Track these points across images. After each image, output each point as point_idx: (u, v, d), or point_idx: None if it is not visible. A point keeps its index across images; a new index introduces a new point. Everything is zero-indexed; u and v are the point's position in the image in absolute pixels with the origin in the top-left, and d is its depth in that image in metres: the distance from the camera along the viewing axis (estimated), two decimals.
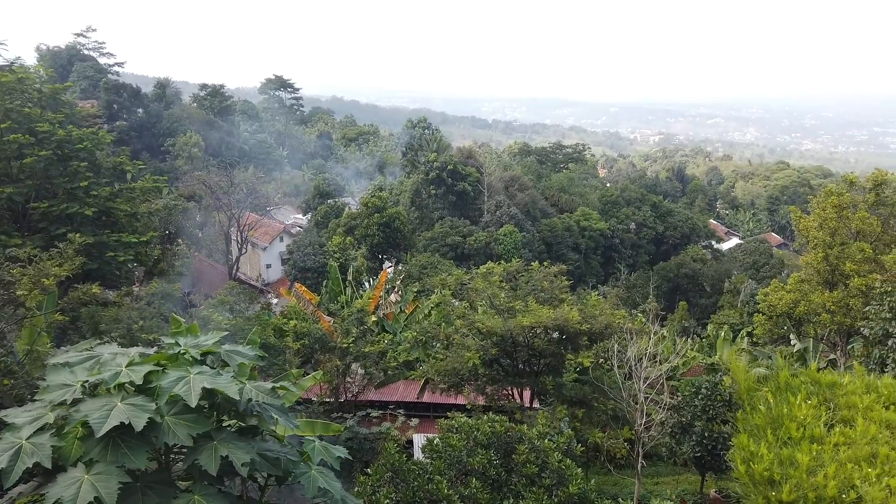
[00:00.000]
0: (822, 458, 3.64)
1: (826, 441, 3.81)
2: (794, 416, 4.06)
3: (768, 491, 3.53)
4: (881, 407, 4.16)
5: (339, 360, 21.93)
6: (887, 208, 24.96)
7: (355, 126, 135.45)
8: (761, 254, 71.04)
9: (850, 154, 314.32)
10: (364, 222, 53.51)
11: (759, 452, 3.73)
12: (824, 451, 3.69)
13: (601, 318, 19.43)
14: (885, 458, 3.59)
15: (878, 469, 3.49)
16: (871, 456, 3.61)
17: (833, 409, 4.28)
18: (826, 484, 3.37)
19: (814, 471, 3.53)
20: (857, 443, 3.75)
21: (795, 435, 3.89)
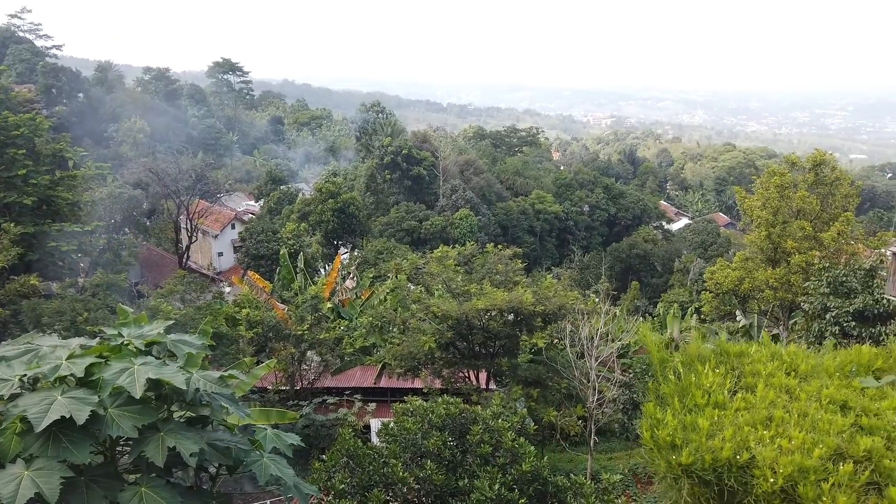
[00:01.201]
0: (722, 423, 3.83)
1: (729, 407, 4.01)
2: (701, 384, 4.24)
3: (670, 455, 3.70)
4: (783, 373, 4.37)
5: (294, 348, 21.74)
6: (825, 187, 25.92)
7: (308, 110, 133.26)
8: (709, 233, 73.10)
9: (793, 135, 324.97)
10: (318, 208, 52.88)
11: (664, 419, 3.90)
12: (725, 417, 3.86)
13: (554, 299, 19.71)
14: (780, 420, 3.78)
15: (772, 431, 3.68)
16: (768, 419, 3.81)
17: (738, 376, 4.48)
18: (722, 446, 3.55)
19: (713, 435, 3.71)
20: (756, 407, 3.95)
21: (701, 402, 4.07)
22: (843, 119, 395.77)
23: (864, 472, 3.33)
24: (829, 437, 3.52)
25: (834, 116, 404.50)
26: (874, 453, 3.42)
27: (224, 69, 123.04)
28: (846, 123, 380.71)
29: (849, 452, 3.45)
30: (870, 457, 3.42)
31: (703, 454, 3.54)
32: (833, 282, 20.09)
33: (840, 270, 20.29)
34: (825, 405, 3.88)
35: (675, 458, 3.60)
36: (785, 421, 3.73)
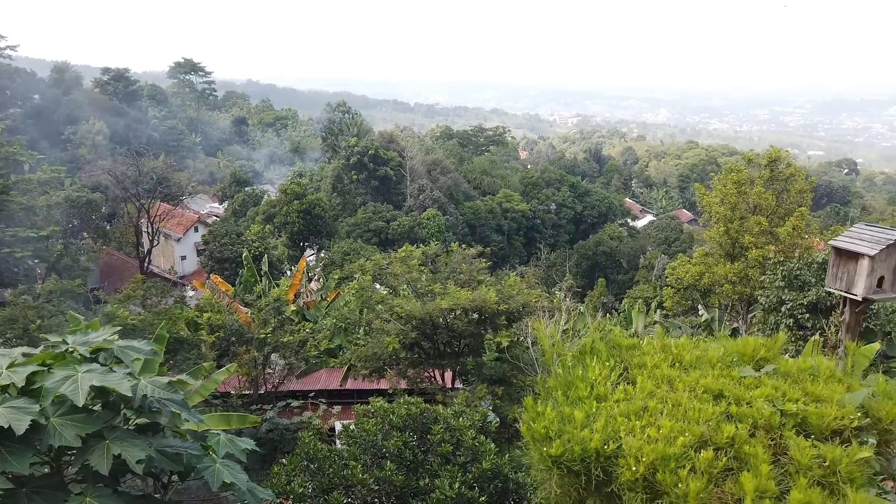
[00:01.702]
0: (599, 414, 3.91)
1: (609, 398, 4.08)
2: (587, 377, 4.32)
3: (542, 447, 3.77)
4: (667, 365, 4.47)
5: (257, 352, 21.46)
6: (780, 183, 26.57)
7: (272, 111, 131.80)
8: (672, 230, 74.35)
9: (754, 132, 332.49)
10: (283, 210, 52.34)
11: (543, 412, 3.97)
12: (603, 408, 3.94)
13: (518, 297, 19.82)
14: (653, 410, 3.88)
15: (643, 421, 3.77)
16: (643, 410, 3.89)
17: (625, 369, 4.58)
18: (592, 437, 3.63)
19: (588, 426, 3.79)
20: (635, 398, 4.03)
21: (583, 395, 4.14)
22: (801, 116, 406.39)
23: (722, 459, 3.42)
24: (696, 426, 3.61)
25: (792, 114, 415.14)
26: (737, 440, 3.53)
27: (186, 69, 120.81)
28: (804, 121, 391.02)
29: (713, 440, 3.56)
30: (732, 443, 3.53)
31: (574, 445, 3.59)
32: (788, 275, 20.59)
33: (794, 264, 20.81)
34: (700, 395, 3.97)
35: (546, 450, 3.65)
36: (658, 411, 3.81)
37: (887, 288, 7.68)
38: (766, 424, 3.71)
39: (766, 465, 3.33)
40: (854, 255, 7.59)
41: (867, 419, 4.00)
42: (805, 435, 3.70)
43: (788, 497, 3.26)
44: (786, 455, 3.59)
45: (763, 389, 4.01)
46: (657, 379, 4.25)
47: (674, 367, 4.41)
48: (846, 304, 8.40)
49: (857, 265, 7.55)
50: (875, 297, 7.77)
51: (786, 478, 3.47)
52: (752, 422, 3.73)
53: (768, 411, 3.77)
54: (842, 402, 3.99)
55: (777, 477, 3.46)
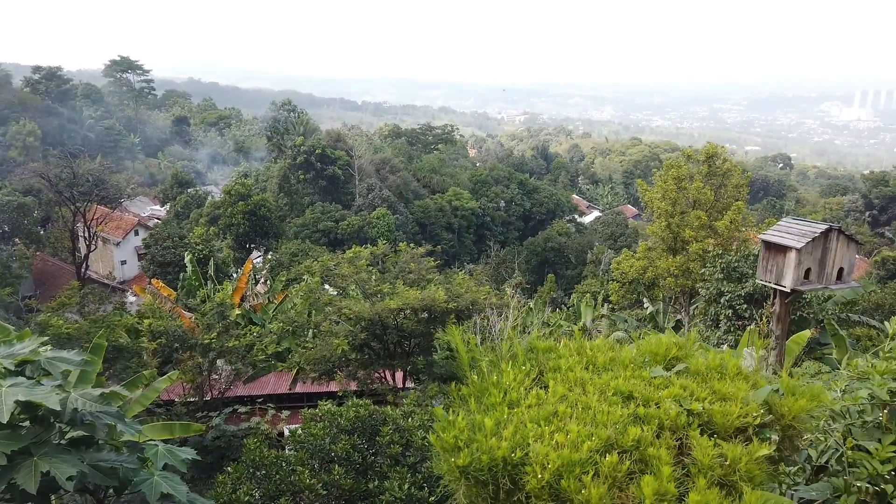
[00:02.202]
0: (510, 421, 3.90)
1: (522, 404, 4.09)
2: (501, 383, 4.32)
3: (450, 457, 3.75)
4: (581, 367, 4.52)
5: (201, 358, 20.89)
6: (718, 178, 27.46)
7: (215, 110, 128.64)
8: (618, 225, 75.93)
9: (694, 129, 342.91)
10: (228, 211, 51.14)
11: (454, 421, 3.95)
12: (515, 415, 3.95)
13: (467, 295, 19.85)
14: (563, 414, 3.91)
15: (553, 426, 3.79)
16: (553, 415, 3.92)
17: (541, 373, 4.60)
18: (500, 445, 3.64)
19: (498, 434, 3.79)
20: (546, 403, 4.06)
21: (496, 401, 4.14)
22: (738, 113, 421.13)
23: (626, 462, 3.47)
24: (603, 429, 3.65)
25: (730, 111, 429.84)
26: (642, 442, 3.57)
27: (122, 67, 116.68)
28: (741, 117, 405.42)
29: (619, 443, 3.59)
30: (638, 446, 3.57)
31: (481, 454, 3.58)
32: (726, 268, 21.31)
33: (732, 257, 21.54)
34: (610, 397, 4.02)
35: (453, 461, 3.64)
36: (567, 415, 3.83)
37: (814, 279, 8.00)
38: (673, 425, 3.74)
39: (668, 468, 3.35)
40: (782, 249, 7.89)
41: (770, 416, 4.09)
42: (710, 434, 3.72)
43: (687, 499, 3.30)
44: (690, 455, 3.61)
45: (672, 389, 4.05)
46: (570, 382, 4.27)
47: (588, 370, 4.44)
48: (776, 296, 8.71)
49: (786, 258, 7.85)
50: (802, 289, 8.08)
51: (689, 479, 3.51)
52: (658, 423, 3.75)
53: (674, 411, 3.78)
54: (746, 399, 4.05)
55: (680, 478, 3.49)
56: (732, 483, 3.44)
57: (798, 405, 4.05)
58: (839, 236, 7.84)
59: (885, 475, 3.42)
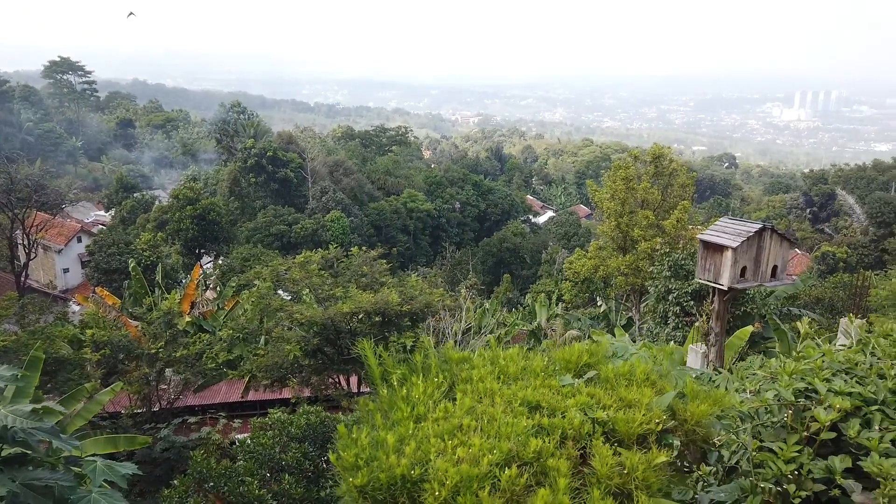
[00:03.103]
0: (414, 436, 3.82)
1: (429, 418, 4.02)
2: (410, 396, 4.25)
3: (349, 477, 3.68)
4: (493, 378, 4.50)
5: (148, 368, 20.27)
6: (665, 178, 28.13)
7: (162, 112, 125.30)
8: (571, 225, 77.00)
9: (644, 130, 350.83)
10: (176, 216, 49.85)
11: (357, 438, 3.87)
12: (420, 429, 3.88)
13: (420, 297, 19.81)
14: (467, 428, 3.87)
15: (456, 440, 3.74)
16: (457, 428, 3.87)
17: (452, 384, 4.55)
18: (399, 462, 3.57)
19: (400, 450, 3.70)
20: (454, 416, 4.01)
21: (403, 416, 4.06)
22: (685, 114, 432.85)
23: (524, 475, 3.45)
24: (505, 442, 3.61)
25: (677, 112, 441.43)
26: (543, 453, 3.55)
27: (63, 69, 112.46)
28: (688, 118, 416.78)
29: (520, 455, 3.56)
30: (539, 457, 3.56)
31: (380, 473, 3.52)
32: (673, 265, 21.82)
33: (679, 255, 22.07)
34: (517, 408, 4.01)
35: (352, 481, 3.55)
36: (471, 428, 3.79)
37: (750, 277, 8.26)
38: (576, 434, 3.73)
39: (564, 480, 3.32)
40: (719, 248, 8.12)
41: (673, 421, 4.06)
42: (613, 442, 3.71)
43: None
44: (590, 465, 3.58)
45: (579, 398, 4.03)
46: (480, 393, 4.23)
47: (499, 380, 4.41)
48: (715, 294, 8.95)
49: (723, 257, 8.09)
50: (739, 287, 8.33)
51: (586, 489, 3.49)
52: (561, 432, 3.73)
53: (578, 420, 3.75)
54: (650, 405, 4.02)
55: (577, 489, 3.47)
56: (629, 492, 3.41)
57: (700, 410, 4.07)
58: (772, 235, 8.11)
59: (788, 475, 3.47)
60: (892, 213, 53.52)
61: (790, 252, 8.51)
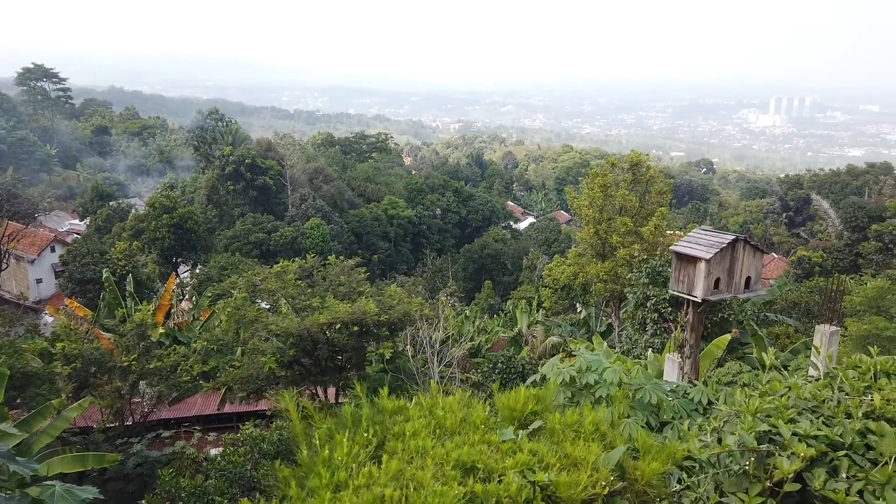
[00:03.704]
0: None
1: (350, 485, 3.68)
2: (333, 459, 3.88)
3: None
4: (428, 432, 4.18)
5: (120, 381, 19.84)
6: (642, 185, 28.26)
7: (138, 119, 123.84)
8: (551, 231, 77.22)
9: (622, 136, 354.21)
10: (152, 224, 49.12)
11: None
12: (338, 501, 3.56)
13: (399, 307, 19.61)
14: (390, 499, 3.53)
15: None
16: (380, 500, 3.53)
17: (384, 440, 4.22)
18: None
19: None
20: (378, 483, 3.68)
21: (322, 484, 3.71)
22: (663, 120, 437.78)
23: None
24: None
25: (655, 118, 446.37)
26: None
27: (37, 76, 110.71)
28: (666, 124, 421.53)
29: None
30: None
31: None
32: (651, 272, 21.87)
33: (657, 262, 22.12)
34: (449, 472, 3.74)
35: None
36: (395, 500, 3.53)
37: (723, 288, 8.20)
38: (513, 502, 3.49)
39: None
40: (693, 259, 8.06)
41: (622, 482, 3.78)
42: None
43: None
44: None
45: (519, 457, 3.71)
46: (411, 452, 3.96)
47: (435, 434, 4.14)
48: (689, 305, 8.88)
49: (696, 268, 8.03)
50: (713, 299, 8.28)
51: None
52: (496, 501, 3.45)
53: (516, 486, 3.45)
54: (597, 464, 3.74)
55: None
56: None
57: (652, 468, 3.80)
58: (745, 246, 8.08)
59: None
60: (866, 217, 54.30)
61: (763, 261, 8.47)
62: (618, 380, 6.80)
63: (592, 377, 6.93)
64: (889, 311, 17.05)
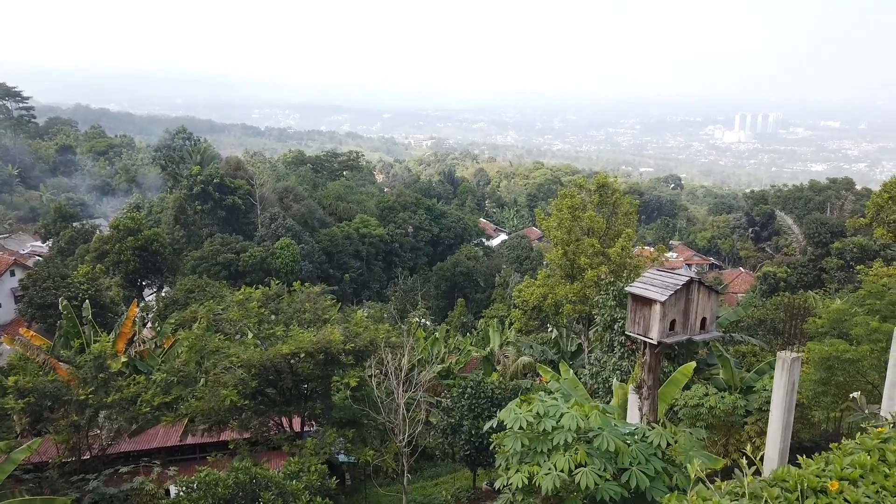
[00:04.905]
0: None
1: None
2: None
3: None
4: None
5: (77, 416, 19.17)
6: (609, 207, 28.46)
7: (105, 138, 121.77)
8: (523, 248, 77.50)
9: (592, 152, 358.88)
10: (116, 247, 48.04)
11: None
12: None
13: (365, 334, 19.35)
14: None
15: None
16: None
17: None
18: None
19: None
20: None
21: None
22: (631, 136, 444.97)
23: None
24: None
25: (624, 134, 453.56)
26: None
27: None
28: (634, 140, 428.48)
29: None
30: None
31: None
32: (618, 295, 21.92)
33: (623, 284, 22.19)
34: None
35: None
36: None
37: (679, 330, 8.16)
38: None
39: None
40: (648, 301, 8.01)
41: None
42: None
43: None
44: None
45: None
46: None
47: None
48: (646, 347, 8.83)
49: (651, 310, 7.98)
50: (668, 341, 8.23)
51: None
52: None
53: None
54: None
55: None
56: None
57: None
58: (700, 287, 8.07)
59: None
60: (828, 233, 55.55)
61: (718, 301, 8.46)
62: (575, 426, 6.67)
63: (550, 423, 6.79)
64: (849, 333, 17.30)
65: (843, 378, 15.83)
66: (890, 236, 31.49)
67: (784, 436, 12.87)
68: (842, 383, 16.15)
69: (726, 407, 18.55)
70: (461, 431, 21.99)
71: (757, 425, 19.45)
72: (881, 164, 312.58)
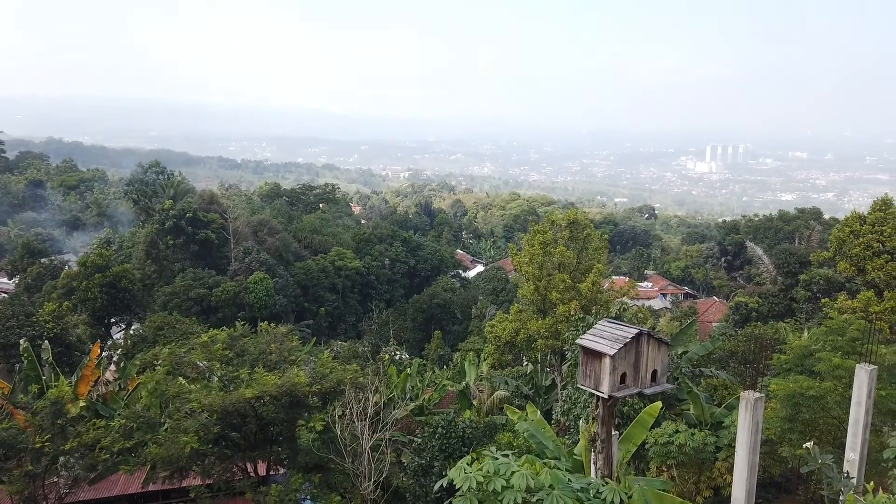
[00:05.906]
0: None
1: None
2: None
3: None
4: None
5: (32, 465, 18.47)
6: (579, 242, 28.68)
7: (76, 172, 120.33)
8: (499, 280, 77.60)
9: (568, 183, 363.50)
10: (83, 284, 47.09)
11: None
12: None
13: (332, 375, 19.03)
14: None
15: None
16: None
17: None
18: None
19: None
20: None
21: None
22: (606, 167, 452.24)
23: None
24: None
25: (599, 165, 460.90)
26: None
27: None
28: (609, 171, 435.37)
29: None
30: None
31: None
32: (587, 330, 21.91)
33: (593, 319, 22.22)
34: None
35: None
36: None
37: (630, 383, 8.12)
38: None
39: None
40: (598, 354, 7.98)
41: None
42: None
43: None
44: None
45: None
46: None
47: None
48: (598, 400, 8.77)
49: (601, 364, 7.94)
50: (619, 395, 8.18)
51: None
52: None
53: None
54: None
55: None
56: None
57: None
58: (649, 340, 8.05)
59: None
60: (797, 263, 56.45)
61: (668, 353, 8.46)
62: (525, 485, 6.53)
63: (500, 483, 6.64)
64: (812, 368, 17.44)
65: (809, 415, 15.89)
66: (853, 270, 32.09)
67: (750, 476, 12.81)
68: (808, 420, 16.22)
69: (696, 444, 18.52)
70: (432, 473, 21.58)
71: (728, 461, 19.40)
72: (848, 193, 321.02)
